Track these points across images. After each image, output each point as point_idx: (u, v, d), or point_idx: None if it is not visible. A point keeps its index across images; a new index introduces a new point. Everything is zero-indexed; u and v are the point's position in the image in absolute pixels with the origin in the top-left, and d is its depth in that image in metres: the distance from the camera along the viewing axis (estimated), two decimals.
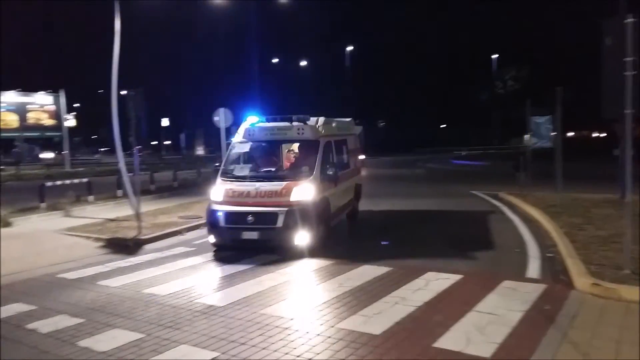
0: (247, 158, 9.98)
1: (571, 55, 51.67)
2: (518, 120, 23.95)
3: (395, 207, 14.34)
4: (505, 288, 6.17)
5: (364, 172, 13.03)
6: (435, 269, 7.08)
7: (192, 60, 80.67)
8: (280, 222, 8.13)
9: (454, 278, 6.65)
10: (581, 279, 6.10)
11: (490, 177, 23.27)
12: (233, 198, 8.55)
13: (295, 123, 9.24)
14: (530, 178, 14.30)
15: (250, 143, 9.73)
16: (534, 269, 7.14)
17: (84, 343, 4.87)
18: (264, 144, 9.89)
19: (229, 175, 9.21)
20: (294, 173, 8.97)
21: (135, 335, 5.01)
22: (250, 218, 8.26)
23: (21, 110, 44.23)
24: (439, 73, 66.15)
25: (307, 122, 9.36)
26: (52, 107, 45.75)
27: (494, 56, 63.63)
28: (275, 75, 62.66)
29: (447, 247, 8.84)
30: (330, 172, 9.06)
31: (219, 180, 9.14)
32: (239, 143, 9.77)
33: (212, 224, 8.67)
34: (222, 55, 72.72)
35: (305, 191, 8.36)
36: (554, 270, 7.01)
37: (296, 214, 8.09)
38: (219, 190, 8.83)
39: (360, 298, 5.96)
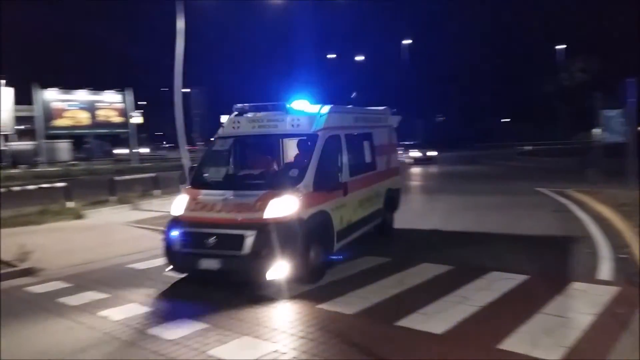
0: (229, 158, 7.95)
1: None
2: (586, 114, 22.86)
3: (453, 204, 14.02)
4: (574, 290, 5.90)
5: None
6: (499, 269, 6.86)
7: (253, 56, 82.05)
8: (247, 248, 6.01)
9: (519, 278, 6.42)
10: None
11: (556, 174, 22.32)
12: (194, 212, 6.53)
13: (291, 112, 7.14)
14: (601, 174, 13.59)
15: (234, 138, 7.71)
16: (605, 270, 6.78)
17: (152, 331, 5.09)
18: (250, 139, 7.76)
19: (199, 180, 7.27)
20: (279, 179, 6.86)
21: (201, 325, 5.18)
22: (210, 240, 6.15)
23: (91, 108, 46.63)
24: (503, 65, 64.00)
25: (306, 109, 7.25)
26: (120, 105, 47.96)
27: (560, 47, 60.79)
28: (335, 69, 62.66)
29: (511, 246, 8.55)
30: (332, 177, 6.96)
31: (187, 186, 7.25)
32: (221, 138, 7.81)
33: (166, 247, 6.63)
34: (283, 51, 73.60)
35: (285, 204, 6.20)
36: (627, 272, 6.64)
37: (270, 237, 5.98)
38: (181, 200, 6.80)
39: (420, 296, 5.87)
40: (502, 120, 71.36)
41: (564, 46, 60.47)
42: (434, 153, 36.59)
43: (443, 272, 6.90)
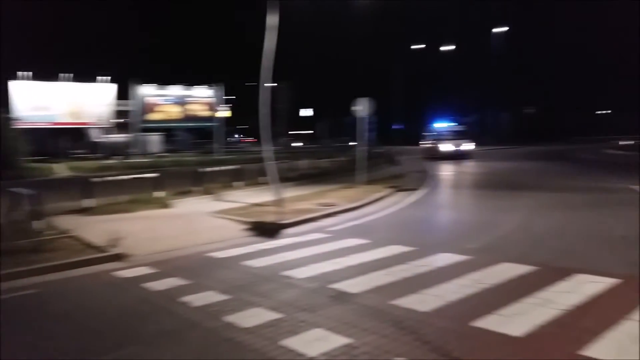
0: None
1: None
2: None
3: (536, 201, 13.33)
4: None
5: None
6: (586, 271, 6.45)
7: (335, 53, 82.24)
8: None
9: (608, 282, 6.00)
10: None
11: None
12: None
13: None
14: None
15: None
16: None
17: (228, 318, 5.27)
18: None
19: None
20: None
21: (274, 315, 5.30)
22: None
23: (182, 103, 49.05)
24: (602, 48, 59.38)
25: None
26: (211, 100, 50.07)
27: None
28: (415, 62, 61.44)
29: (601, 247, 8.00)
30: None
31: None
32: None
33: None
34: (363, 48, 73.20)
35: None
36: None
37: None
38: None
39: (500, 297, 5.64)
40: (603, 111, 66.35)
41: None
42: (470, 146, 33.79)
43: (525, 272, 6.59)
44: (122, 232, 8.91)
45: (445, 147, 32.60)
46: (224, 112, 48.89)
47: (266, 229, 10.19)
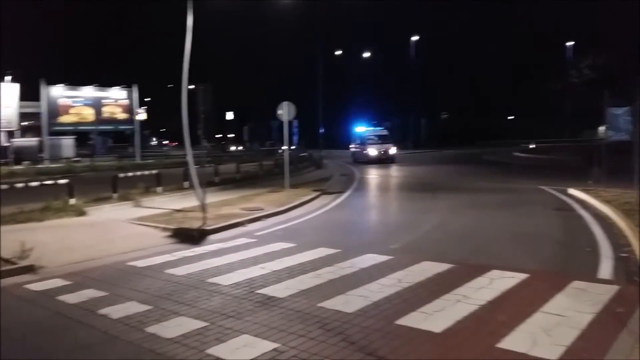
0: None
1: None
2: (592, 112, 22.71)
3: (454, 201, 14.02)
4: (574, 289, 5.88)
5: None
6: (500, 267, 6.85)
7: (258, 56, 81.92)
8: None
9: (519, 277, 6.41)
10: None
11: (560, 172, 22.28)
12: None
13: None
14: (605, 173, 13.53)
15: None
16: (606, 269, 6.75)
17: (151, 329, 5.08)
18: None
19: None
20: None
21: (199, 324, 5.18)
22: None
23: (97, 105, 46.68)
24: (507, 62, 63.65)
25: None
26: (126, 102, 48.00)
27: (569, 43, 60.42)
28: (336, 68, 62.47)
29: (513, 245, 8.54)
30: None
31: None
32: None
33: None
34: (285, 50, 73.46)
35: None
36: (627, 271, 6.61)
37: None
38: None
39: (421, 295, 5.87)
40: (508, 117, 71.03)
41: (572, 43, 60.19)
42: (394, 150, 34.38)
43: (444, 270, 6.89)
44: (33, 243, 8.33)
45: (373, 151, 33.31)
46: (141, 115, 47.08)
47: (190, 236, 9.93)
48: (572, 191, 14.33)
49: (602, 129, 14.26)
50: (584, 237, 8.86)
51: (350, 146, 38.94)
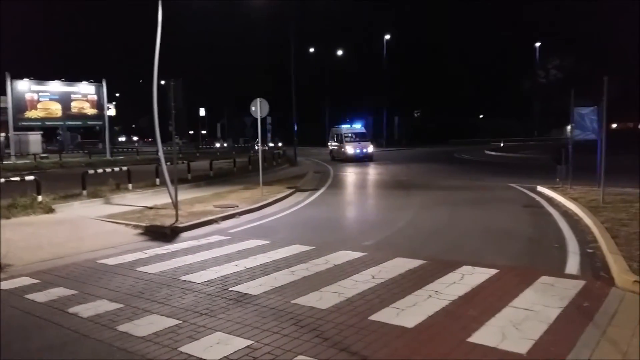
0: None
1: (618, 45, 49.71)
2: (560, 111, 23.29)
3: (427, 198, 14.20)
4: (542, 284, 6.03)
5: None
6: (470, 263, 6.98)
7: (230, 51, 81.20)
8: None
9: (489, 272, 6.54)
10: (622, 276, 5.90)
11: (529, 170, 22.74)
12: None
13: None
14: (572, 171, 13.89)
15: None
16: (573, 264, 6.94)
17: (122, 328, 5.01)
18: None
19: None
20: None
21: (172, 322, 5.13)
22: None
23: (65, 100, 45.57)
24: (479, 62, 64.65)
25: None
26: (94, 97, 46.99)
27: (537, 44, 61.74)
28: (310, 64, 62.43)
29: (483, 241, 8.70)
30: None
31: None
32: None
33: None
34: (259, 46, 73.06)
35: None
36: (594, 266, 6.81)
37: None
38: None
39: (393, 291, 5.94)
40: (480, 117, 72.24)
41: (539, 44, 61.51)
42: (372, 149, 33.71)
43: (416, 266, 6.97)
44: None
45: (350, 149, 32.67)
46: (111, 110, 46.17)
47: (162, 233, 9.81)
48: (541, 188, 14.68)
49: (569, 128, 14.59)
50: (552, 233, 9.09)
51: (328, 144, 38.33)
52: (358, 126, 36.26)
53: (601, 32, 51.49)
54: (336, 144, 35.08)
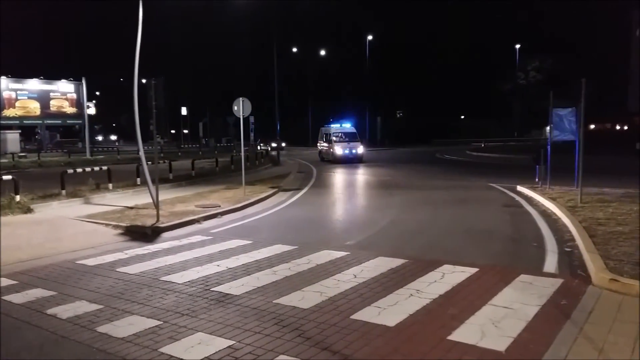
0: None
1: (596, 47, 50.69)
2: (540, 112, 23.62)
3: (410, 198, 14.30)
4: (521, 282, 6.12)
5: None
6: (451, 262, 7.05)
7: (213, 51, 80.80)
8: None
9: (470, 271, 6.62)
10: (599, 274, 6.02)
11: (509, 170, 23.06)
12: None
13: None
14: (550, 171, 14.11)
15: None
16: (551, 263, 7.06)
17: (102, 329, 4.96)
18: None
19: None
20: None
21: (152, 322, 5.09)
22: None
23: (43, 98, 44.85)
24: (460, 63, 65.32)
25: None
26: (74, 95, 46.32)
27: (517, 46, 62.59)
28: (292, 65, 62.39)
29: (464, 240, 8.79)
30: None
31: None
32: None
33: None
34: (242, 46, 72.77)
35: None
36: (571, 265, 6.93)
37: None
38: None
39: (375, 290, 5.97)
40: (461, 117, 72.98)
41: (519, 46, 62.36)
42: (362, 149, 32.04)
43: (397, 265, 7.02)
44: None
45: (339, 149, 31.04)
46: (91, 109, 45.50)
47: (143, 233, 9.72)
48: (521, 188, 14.88)
49: (548, 129, 14.81)
50: (531, 232, 9.23)
51: (317, 144, 36.83)
52: (348, 125, 34.61)
53: (580, 34, 52.41)
54: (325, 144, 33.67)
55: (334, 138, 32.13)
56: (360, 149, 31.75)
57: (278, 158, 32.17)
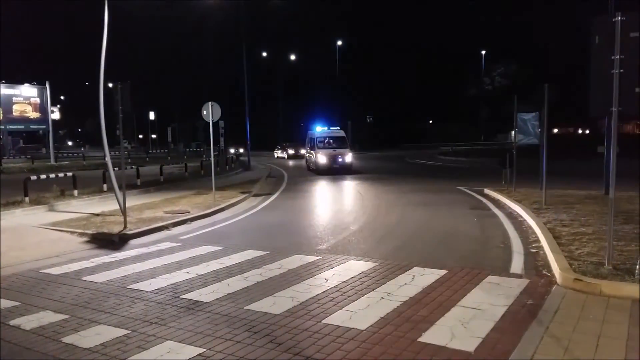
0: None
1: (558, 53, 52.21)
2: (505, 117, 24.16)
3: (381, 201, 14.42)
4: (489, 283, 6.24)
5: None
6: (421, 264, 7.14)
7: (180, 55, 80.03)
8: None
9: (439, 273, 6.71)
10: (563, 274, 6.18)
11: (476, 173, 23.48)
12: None
13: None
14: (516, 174, 14.44)
15: None
16: (517, 264, 7.21)
17: (68, 339, 4.84)
18: None
19: None
20: None
21: (120, 332, 4.99)
22: None
23: (5, 103, 43.46)
24: (427, 69, 66.32)
25: None
26: (37, 100, 45.05)
27: (483, 52, 63.92)
28: (262, 70, 62.27)
29: (433, 242, 8.91)
30: None
31: None
32: None
33: None
34: (210, 50, 72.25)
35: None
36: (537, 265, 7.10)
37: None
38: None
39: (347, 293, 5.99)
40: (429, 122, 74.03)
41: (484, 52, 63.72)
42: (349, 158, 26.80)
43: (368, 268, 7.07)
44: None
45: (323, 158, 26.36)
46: (55, 114, 44.36)
47: (109, 241, 9.53)
48: (488, 191, 15.18)
49: (513, 133, 15.17)
50: (498, 234, 9.42)
51: (304, 151, 32.97)
52: (336, 129, 30.07)
53: (543, 40, 53.88)
54: (311, 152, 28.62)
55: (318, 144, 27.62)
56: (348, 157, 26.81)
57: (249, 163, 32.00)
